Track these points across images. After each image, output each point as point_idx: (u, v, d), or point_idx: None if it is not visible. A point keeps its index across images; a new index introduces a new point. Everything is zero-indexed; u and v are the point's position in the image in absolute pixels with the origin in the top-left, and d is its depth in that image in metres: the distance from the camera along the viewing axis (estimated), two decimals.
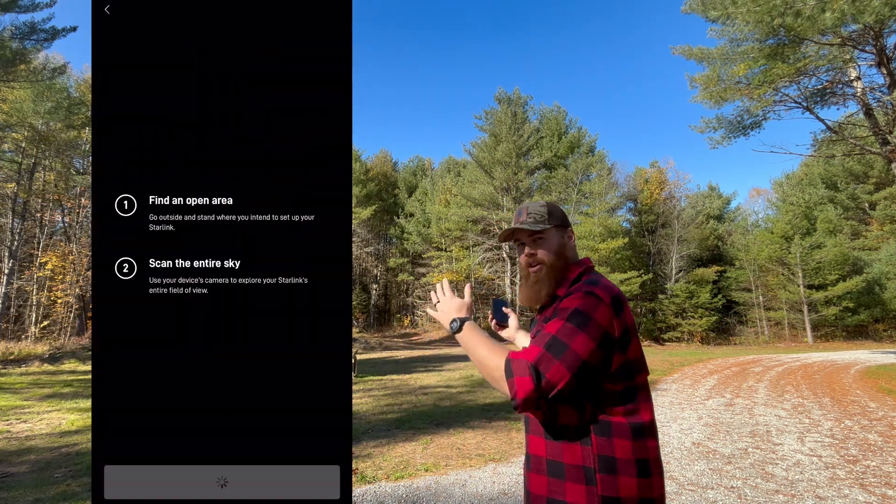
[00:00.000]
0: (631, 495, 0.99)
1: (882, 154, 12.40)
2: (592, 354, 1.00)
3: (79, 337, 19.36)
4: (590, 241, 25.16)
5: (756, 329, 30.29)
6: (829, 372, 11.44)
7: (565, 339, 1.00)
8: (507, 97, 31.01)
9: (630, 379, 1.06)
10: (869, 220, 32.31)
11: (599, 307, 1.03)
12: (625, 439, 1.02)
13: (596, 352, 1.00)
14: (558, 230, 1.24)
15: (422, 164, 48.81)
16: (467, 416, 6.23)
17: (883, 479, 3.75)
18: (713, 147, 14.42)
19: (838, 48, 11.27)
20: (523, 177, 29.90)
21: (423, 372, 11.85)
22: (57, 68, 17.54)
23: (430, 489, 3.52)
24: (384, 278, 43.28)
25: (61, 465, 4.33)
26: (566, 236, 1.26)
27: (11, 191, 19.94)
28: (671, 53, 13.77)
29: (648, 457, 1.03)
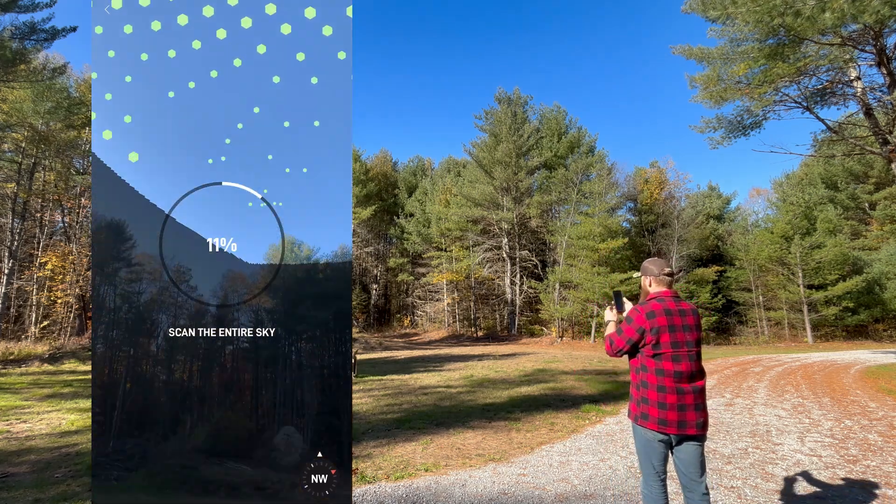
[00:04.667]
0: (652, 399, 2.19)
1: (882, 154, 12.40)
2: (634, 334, 2.25)
3: (79, 337, 19.34)
4: (590, 241, 25.15)
5: (756, 329, 30.28)
6: (829, 372, 11.43)
7: (623, 325, 2.32)
8: (507, 97, 31.01)
9: (658, 347, 2.19)
10: (869, 220, 32.30)
11: (637, 315, 2.28)
12: (651, 374, 2.21)
13: (635, 335, 2.25)
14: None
15: (422, 164, 48.78)
16: (467, 417, 6.22)
17: (883, 479, 3.75)
18: (713, 147, 14.42)
19: (838, 48, 11.26)
20: (523, 177, 29.89)
21: (423, 372, 11.85)
22: (57, 68, 17.51)
23: (430, 489, 3.52)
24: (384, 278, 43.27)
25: (61, 465, 4.32)
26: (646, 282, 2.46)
27: (11, 191, 19.93)
28: (671, 53, 13.77)
29: (665, 385, 2.16)
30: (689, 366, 2.16)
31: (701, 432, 2.15)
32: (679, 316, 2.22)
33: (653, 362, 2.18)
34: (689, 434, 2.14)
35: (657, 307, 2.22)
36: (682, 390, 2.14)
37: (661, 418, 2.14)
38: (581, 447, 4.72)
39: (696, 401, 2.15)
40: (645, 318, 2.20)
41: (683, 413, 2.12)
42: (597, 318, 24.35)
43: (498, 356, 16.27)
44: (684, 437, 2.16)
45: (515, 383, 9.34)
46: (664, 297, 2.29)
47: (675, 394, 2.13)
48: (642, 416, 2.22)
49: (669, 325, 2.18)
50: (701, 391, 2.19)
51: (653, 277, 2.36)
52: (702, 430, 2.15)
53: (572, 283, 25.55)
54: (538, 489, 3.53)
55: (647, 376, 2.20)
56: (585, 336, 25.28)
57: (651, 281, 2.37)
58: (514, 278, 30.21)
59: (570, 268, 26.08)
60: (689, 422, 2.13)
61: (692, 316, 2.25)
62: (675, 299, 2.28)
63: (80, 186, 23.32)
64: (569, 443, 4.90)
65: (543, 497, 3.38)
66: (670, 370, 2.14)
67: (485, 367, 12.40)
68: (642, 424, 2.21)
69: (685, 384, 2.15)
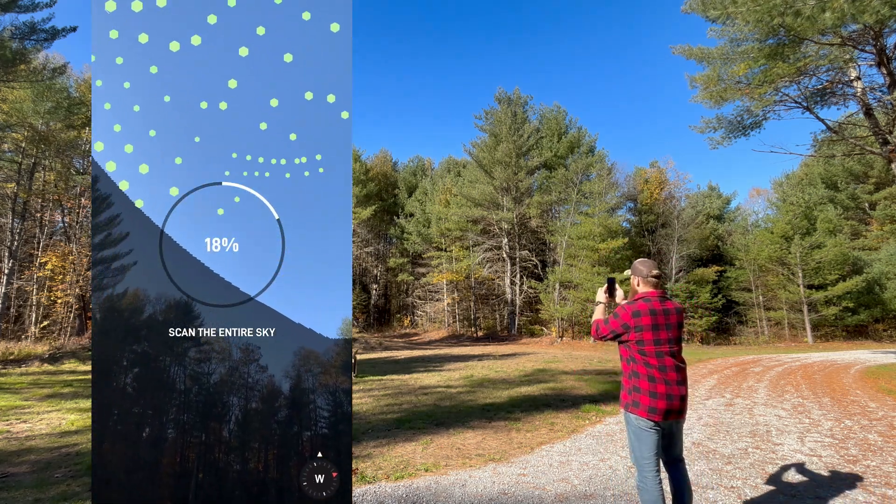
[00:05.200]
0: (644, 388, 2.39)
1: (882, 154, 12.39)
2: (618, 328, 2.48)
3: (79, 337, 19.34)
4: (589, 241, 25.15)
5: (756, 329, 30.27)
6: (829, 372, 11.43)
7: (611, 318, 2.53)
8: (507, 97, 30.99)
9: (641, 344, 2.41)
10: (869, 220, 32.28)
11: (623, 313, 2.48)
12: (640, 366, 2.42)
13: (619, 329, 2.48)
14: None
15: (422, 164, 48.77)
16: (467, 416, 6.22)
17: (883, 479, 3.75)
18: (713, 147, 14.42)
19: (838, 48, 11.25)
20: (523, 177, 29.88)
21: (423, 372, 11.85)
22: (57, 68, 17.50)
23: (430, 489, 3.52)
24: (384, 278, 43.27)
25: (61, 465, 4.32)
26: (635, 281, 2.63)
27: (11, 191, 19.92)
28: (671, 53, 13.77)
29: (655, 375, 2.38)
30: (671, 360, 2.40)
31: (683, 416, 2.46)
32: (663, 315, 2.44)
33: (640, 356, 2.41)
34: (672, 420, 2.41)
35: (643, 307, 2.43)
36: (669, 381, 2.37)
37: (651, 406, 2.35)
38: (581, 447, 4.72)
39: (680, 391, 2.39)
40: (630, 317, 2.43)
41: (671, 401, 2.36)
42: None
43: (498, 356, 16.27)
44: (671, 422, 2.42)
45: (515, 383, 9.34)
46: (651, 297, 2.48)
47: (663, 384, 2.36)
48: (633, 404, 2.42)
49: (653, 325, 2.40)
50: (684, 380, 2.44)
51: (641, 278, 2.55)
52: (683, 413, 2.45)
53: (572, 283, 25.54)
54: (538, 489, 3.53)
55: (637, 367, 2.43)
56: (585, 336, 25.27)
57: (639, 281, 2.56)
58: (514, 278, 30.20)
59: (570, 268, 26.08)
60: (674, 409, 2.38)
61: (675, 315, 2.48)
62: (661, 300, 2.48)
63: (80, 186, 23.31)
64: (569, 443, 4.90)
65: (543, 497, 3.38)
66: (655, 364, 2.38)
67: (485, 367, 12.40)
68: (633, 412, 2.41)
69: (672, 374, 2.38)
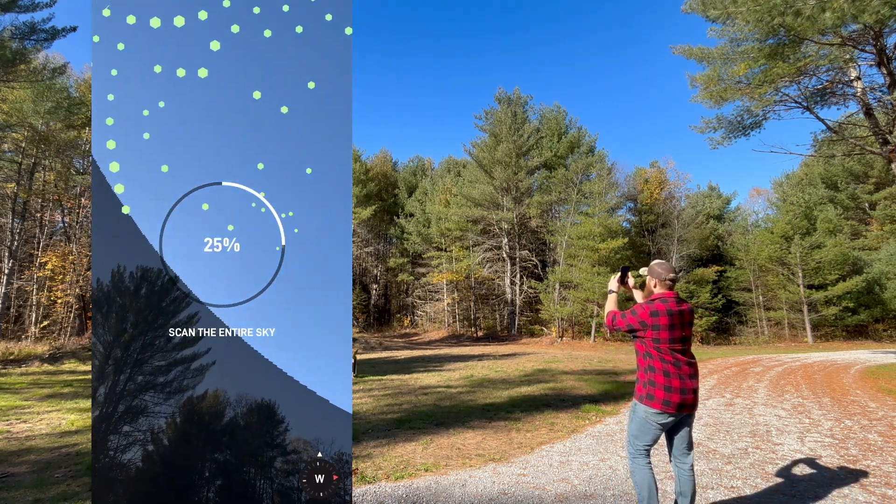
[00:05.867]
0: (659, 382, 2.56)
1: (882, 154, 12.39)
2: (635, 324, 2.63)
3: (79, 337, 19.34)
4: (590, 241, 25.14)
5: (756, 329, 30.27)
6: (829, 372, 11.44)
7: (628, 313, 2.66)
8: (507, 97, 31.00)
9: (658, 342, 2.57)
10: (869, 220, 32.28)
11: (642, 311, 2.61)
12: (657, 361, 2.58)
13: (636, 325, 2.62)
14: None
15: (422, 164, 48.76)
16: (467, 416, 6.22)
17: (883, 479, 3.75)
18: (713, 147, 14.42)
19: (838, 48, 11.25)
20: (523, 177, 29.88)
21: (423, 372, 11.85)
22: (57, 68, 17.50)
23: (430, 489, 3.52)
24: (384, 278, 43.27)
25: (61, 465, 4.33)
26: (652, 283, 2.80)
27: (11, 191, 19.91)
28: (671, 53, 13.77)
29: (670, 371, 2.54)
30: (685, 357, 2.60)
31: (694, 410, 2.62)
32: (679, 316, 2.61)
33: (656, 352, 2.58)
34: (685, 413, 2.59)
35: (661, 308, 2.59)
36: (683, 375, 2.56)
37: (666, 399, 2.54)
38: (581, 447, 4.72)
39: (692, 384, 2.58)
40: (648, 316, 2.59)
41: (685, 395, 2.55)
42: (597, 319, 24.35)
43: (498, 356, 16.27)
44: (682, 416, 2.60)
45: (515, 383, 9.34)
46: (667, 298, 2.64)
47: (678, 378, 2.55)
48: (648, 397, 2.60)
49: (670, 325, 2.57)
50: (695, 374, 2.63)
51: (658, 280, 2.72)
52: (695, 406, 2.62)
53: (572, 283, 25.53)
54: (538, 489, 3.53)
55: (653, 362, 2.59)
56: (585, 336, 25.27)
57: (656, 283, 2.73)
58: (514, 278, 30.20)
59: (570, 268, 26.07)
60: (688, 402, 2.57)
61: (688, 315, 2.66)
62: (676, 301, 2.64)
63: (80, 186, 23.31)
64: (569, 443, 4.90)
65: (543, 497, 3.38)
66: (670, 360, 2.57)
67: (485, 367, 12.40)
68: (647, 404, 2.60)
69: (685, 369, 2.57)
